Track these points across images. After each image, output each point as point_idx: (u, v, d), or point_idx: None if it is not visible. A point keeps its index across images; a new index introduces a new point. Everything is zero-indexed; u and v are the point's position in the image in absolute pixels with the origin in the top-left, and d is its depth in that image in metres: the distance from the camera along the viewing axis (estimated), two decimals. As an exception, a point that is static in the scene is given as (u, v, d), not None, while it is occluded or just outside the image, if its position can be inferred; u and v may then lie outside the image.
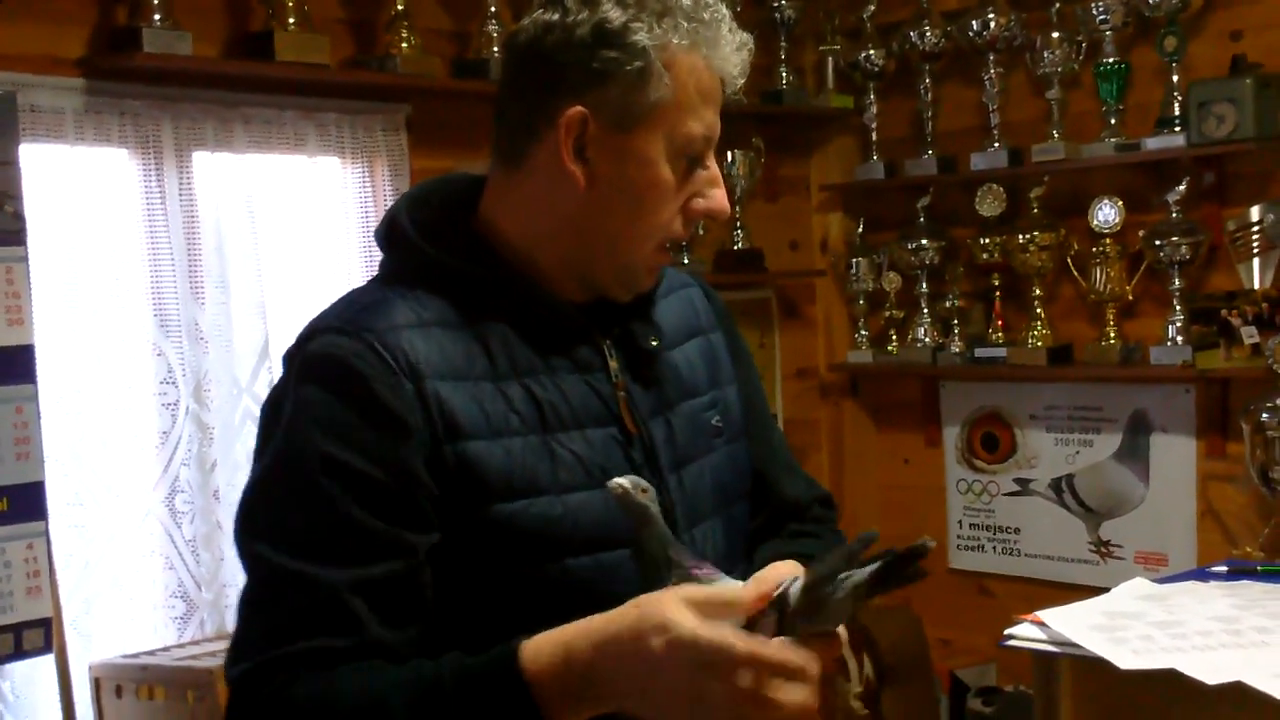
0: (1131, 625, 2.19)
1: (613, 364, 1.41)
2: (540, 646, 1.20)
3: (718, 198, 1.41)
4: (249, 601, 1.29)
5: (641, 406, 1.42)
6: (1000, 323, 3.90)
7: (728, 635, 1.14)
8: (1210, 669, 1.99)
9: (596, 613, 1.21)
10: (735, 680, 1.13)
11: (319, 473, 1.27)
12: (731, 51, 1.39)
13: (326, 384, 1.30)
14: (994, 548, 4.05)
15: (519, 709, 1.18)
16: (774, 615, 1.17)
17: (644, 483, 1.26)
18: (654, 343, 1.45)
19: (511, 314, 1.37)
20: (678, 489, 1.41)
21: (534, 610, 1.25)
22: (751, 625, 1.18)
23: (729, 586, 1.22)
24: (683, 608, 1.16)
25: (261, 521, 1.31)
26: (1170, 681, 1.99)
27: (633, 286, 1.43)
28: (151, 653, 2.79)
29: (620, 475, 1.31)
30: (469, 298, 1.37)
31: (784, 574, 1.23)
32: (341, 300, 1.41)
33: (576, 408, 1.36)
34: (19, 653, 2.58)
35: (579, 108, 1.34)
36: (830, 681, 1.28)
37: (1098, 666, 2.10)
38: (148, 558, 2.92)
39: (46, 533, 2.61)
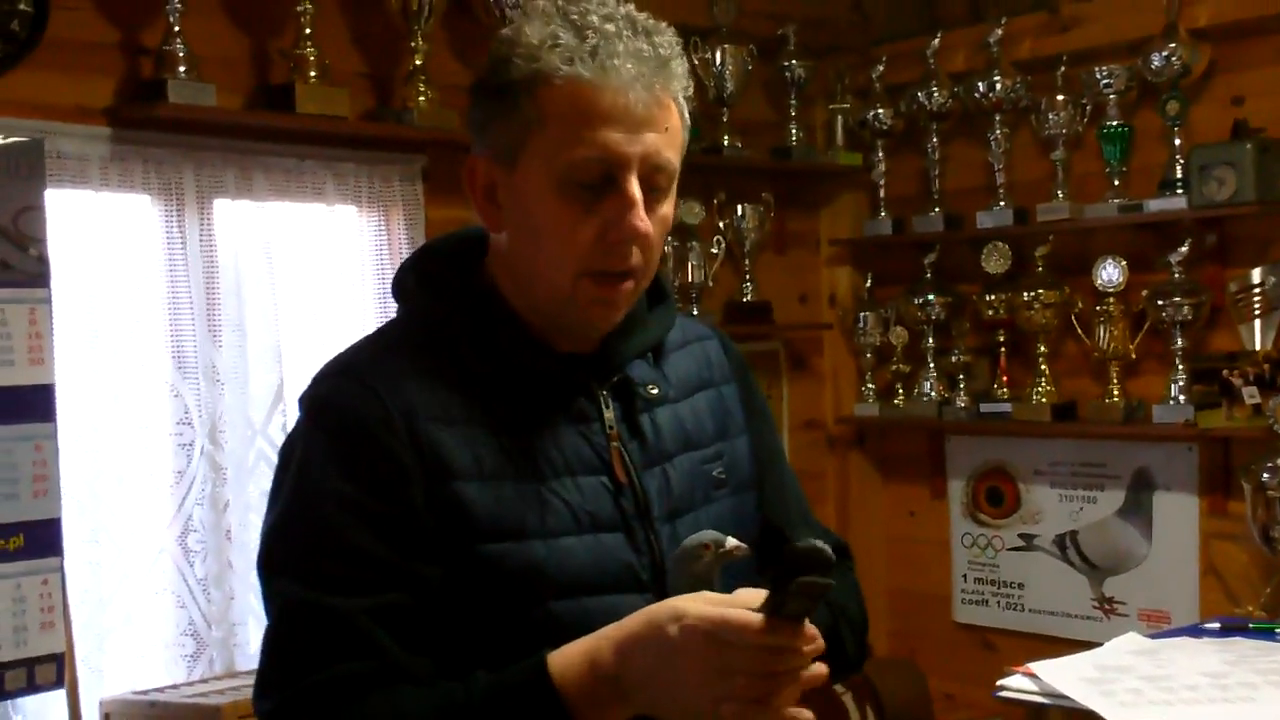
0: (1121, 678, 2.23)
1: (608, 414, 1.44)
2: (566, 657, 1.26)
3: (628, 224, 1.34)
4: (272, 635, 1.35)
5: (636, 457, 1.44)
6: (1005, 378, 3.94)
7: (743, 612, 1.21)
8: (1196, 722, 2.02)
9: None
10: (753, 655, 1.20)
11: (332, 508, 1.33)
12: (618, 60, 1.32)
13: (332, 426, 1.37)
14: (998, 602, 4.07)
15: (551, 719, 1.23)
16: None
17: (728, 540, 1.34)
18: (654, 391, 1.48)
19: (505, 365, 1.41)
20: (670, 539, 1.42)
21: (518, 652, 1.29)
22: None
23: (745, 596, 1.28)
24: (694, 598, 1.24)
25: (280, 558, 1.36)
26: (1156, 734, 2.03)
27: (586, 324, 1.42)
28: (161, 690, 2.82)
29: (610, 523, 1.38)
30: (466, 349, 1.42)
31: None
32: (353, 346, 1.47)
33: (569, 457, 1.40)
34: (31, 687, 2.62)
35: (478, 155, 1.41)
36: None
37: (1088, 718, 2.13)
38: (160, 595, 2.96)
39: (61, 569, 2.66)
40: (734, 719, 1.21)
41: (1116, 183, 3.66)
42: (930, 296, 4.03)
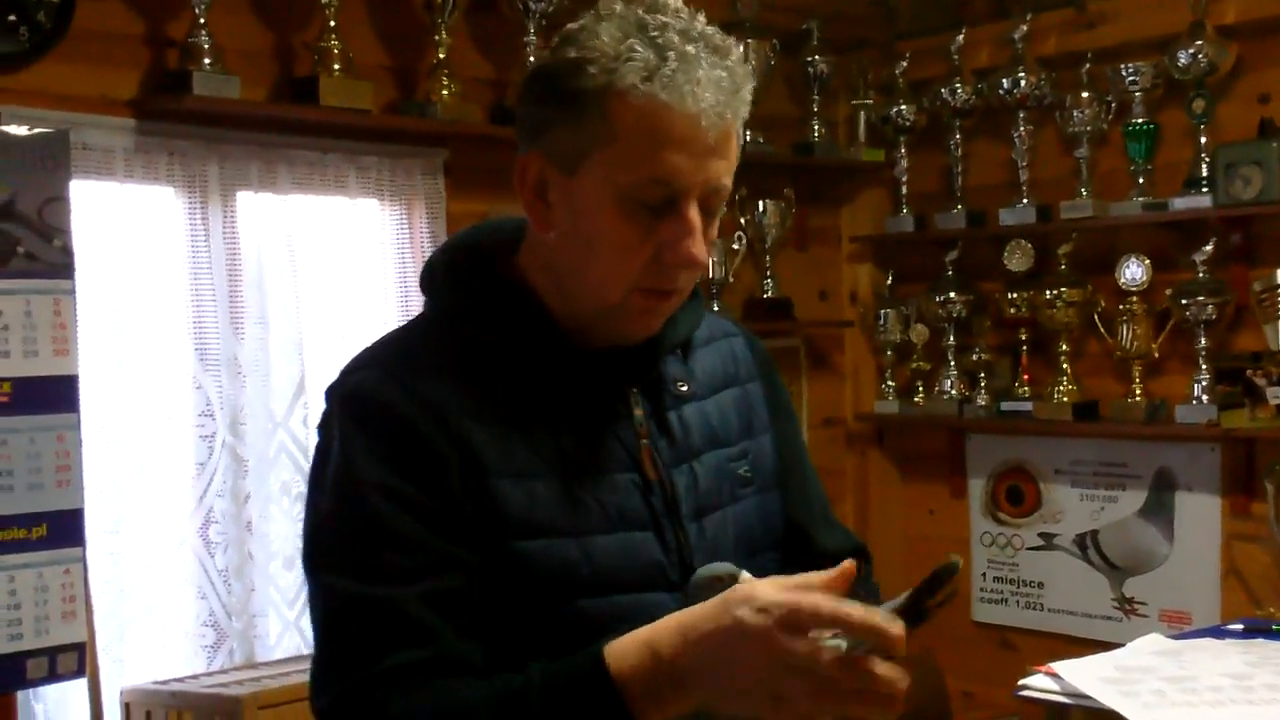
0: (1144, 679, 2.22)
1: (638, 412, 1.43)
2: (625, 647, 1.23)
3: (684, 250, 1.33)
4: (325, 630, 1.33)
5: (665, 454, 1.43)
6: (1027, 377, 3.93)
7: (815, 597, 1.15)
8: (1220, 724, 2.01)
9: None
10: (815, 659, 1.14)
11: (374, 498, 1.31)
12: (698, 87, 1.29)
13: (366, 417, 1.36)
14: (1017, 601, 4.06)
15: (608, 711, 1.20)
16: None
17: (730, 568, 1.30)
18: (682, 388, 1.47)
19: (536, 362, 1.40)
20: (698, 536, 1.42)
21: (546, 648, 1.28)
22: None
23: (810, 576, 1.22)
24: (766, 583, 1.19)
25: (326, 554, 1.35)
26: (1180, 735, 2.02)
27: (627, 331, 1.41)
28: (181, 680, 2.83)
29: (640, 520, 1.37)
30: (496, 345, 1.40)
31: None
32: (379, 341, 1.46)
33: (600, 454, 1.39)
34: (53, 676, 2.62)
35: (533, 153, 1.38)
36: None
37: (1110, 719, 2.13)
38: (181, 586, 2.97)
39: (84, 559, 2.66)
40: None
41: (1141, 181, 3.65)
42: (951, 294, 4.02)
